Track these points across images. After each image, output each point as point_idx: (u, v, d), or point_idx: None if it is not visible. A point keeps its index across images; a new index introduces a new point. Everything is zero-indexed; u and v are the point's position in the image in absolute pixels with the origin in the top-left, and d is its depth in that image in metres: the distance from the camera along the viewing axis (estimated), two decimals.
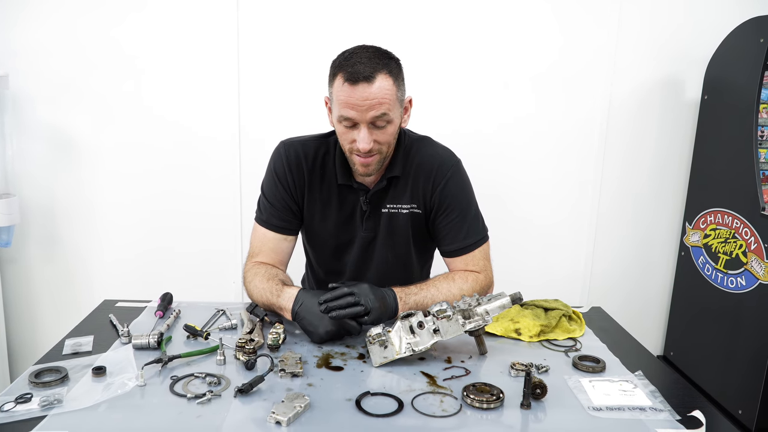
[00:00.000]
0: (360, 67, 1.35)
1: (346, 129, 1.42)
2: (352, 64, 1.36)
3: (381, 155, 1.47)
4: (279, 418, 1.04)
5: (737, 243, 2.27)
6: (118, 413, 1.08)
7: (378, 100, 1.37)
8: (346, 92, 1.36)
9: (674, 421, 1.10)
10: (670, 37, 2.52)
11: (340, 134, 1.46)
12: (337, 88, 1.38)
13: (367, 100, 1.36)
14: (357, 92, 1.35)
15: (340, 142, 1.48)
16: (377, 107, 1.37)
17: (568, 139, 2.57)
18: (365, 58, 1.37)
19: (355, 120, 1.39)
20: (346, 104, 1.37)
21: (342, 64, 1.38)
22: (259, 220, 1.63)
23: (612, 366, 1.33)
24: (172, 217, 2.53)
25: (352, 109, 1.37)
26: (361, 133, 1.40)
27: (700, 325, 2.52)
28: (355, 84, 1.35)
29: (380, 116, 1.38)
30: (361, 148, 1.40)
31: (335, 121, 1.44)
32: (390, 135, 1.45)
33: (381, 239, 1.62)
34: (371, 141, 1.40)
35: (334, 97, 1.40)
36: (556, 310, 1.54)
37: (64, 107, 2.41)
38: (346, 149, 1.47)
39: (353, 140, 1.42)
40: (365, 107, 1.36)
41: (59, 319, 2.54)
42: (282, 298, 1.44)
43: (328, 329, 1.37)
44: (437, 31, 2.41)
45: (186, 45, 2.39)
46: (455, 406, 1.13)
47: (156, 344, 1.33)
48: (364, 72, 1.35)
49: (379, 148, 1.44)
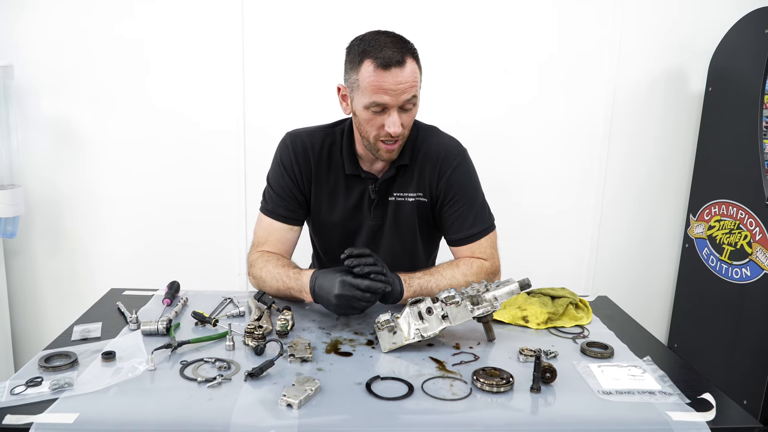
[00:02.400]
0: (389, 52, 1.36)
1: (373, 115, 1.42)
2: (380, 49, 1.36)
3: (404, 139, 1.48)
4: (290, 401, 1.04)
5: (742, 234, 2.27)
6: (129, 396, 1.08)
7: (410, 83, 1.39)
8: (379, 77, 1.36)
9: (684, 405, 1.11)
10: (674, 28, 2.51)
11: (365, 121, 1.44)
12: (366, 74, 1.38)
13: (401, 84, 1.37)
14: (390, 77, 1.36)
15: (364, 130, 1.46)
16: (409, 90, 1.39)
17: (573, 129, 2.57)
18: (390, 43, 1.38)
19: (388, 105, 1.39)
20: (379, 89, 1.37)
21: (368, 50, 1.38)
22: (264, 210, 1.63)
23: (620, 352, 1.33)
24: (176, 209, 2.53)
25: (385, 94, 1.37)
26: (392, 117, 1.40)
27: (704, 316, 2.52)
28: (388, 69, 1.36)
29: (410, 99, 1.40)
30: (393, 132, 1.41)
31: (360, 108, 1.43)
32: (413, 117, 1.47)
33: (388, 227, 1.62)
34: (400, 124, 1.41)
35: (362, 83, 1.39)
36: (563, 298, 1.54)
37: (69, 99, 2.40)
38: (372, 136, 1.45)
39: (381, 126, 1.42)
40: (399, 91, 1.37)
41: (63, 310, 2.54)
42: (300, 280, 1.46)
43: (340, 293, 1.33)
44: (440, 19, 2.41)
45: (190, 37, 2.39)
46: (465, 390, 1.13)
47: (165, 330, 1.33)
48: (395, 57, 1.36)
49: (403, 132, 1.45)
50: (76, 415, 1.00)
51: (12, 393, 1.07)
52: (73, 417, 1.00)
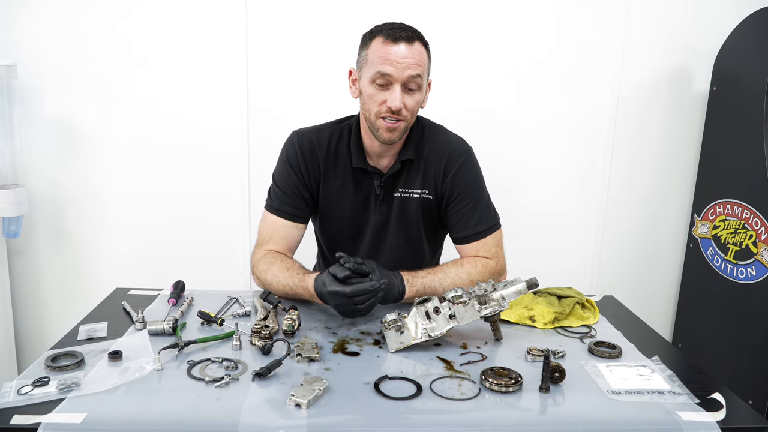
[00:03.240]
0: (400, 30, 1.44)
1: (378, 89, 1.45)
2: (391, 27, 1.45)
3: (406, 122, 1.49)
4: (299, 401, 1.04)
5: (747, 233, 2.27)
6: (137, 396, 1.07)
7: (416, 60, 1.44)
8: (387, 49, 1.43)
9: (694, 404, 1.10)
10: (678, 27, 2.50)
11: (369, 96, 1.47)
12: (375, 47, 1.44)
13: (407, 59, 1.42)
14: (398, 50, 1.42)
15: (367, 108, 1.49)
16: (414, 67, 1.43)
17: (576, 128, 2.56)
18: (403, 27, 1.46)
19: (391, 76, 1.43)
20: (385, 60, 1.42)
21: (380, 29, 1.46)
22: (269, 208, 1.63)
23: (628, 352, 1.33)
24: (179, 208, 2.52)
25: (390, 65, 1.42)
26: (394, 92, 1.44)
27: (708, 315, 2.51)
28: (396, 42, 1.42)
29: (415, 76, 1.44)
30: (394, 107, 1.43)
31: (366, 82, 1.47)
32: (416, 103, 1.49)
33: (393, 224, 1.62)
34: (402, 101, 1.44)
35: (370, 56, 1.45)
36: (570, 297, 1.53)
37: (72, 97, 2.40)
38: (373, 113, 1.48)
39: (383, 101, 1.45)
40: (404, 65, 1.42)
41: (67, 310, 2.53)
42: (307, 290, 1.46)
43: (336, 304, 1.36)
44: (444, 16, 2.39)
45: (194, 35, 2.38)
46: (474, 390, 1.13)
47: (171, 330, 1.33)
48: (405, 34, 1.43)
49: (406, 114, 1.47)
50: (84, 415, 1.00)
51: (19, 393, 1.06)
52: (81, 417, 0.99)
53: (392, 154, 1.58)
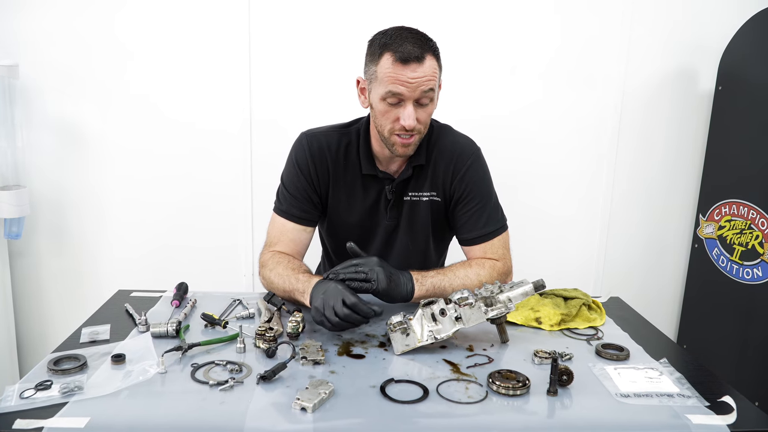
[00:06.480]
0: (409, 47, 1.38)
1: (389, 107, 1.42)
2: (400, 43, 1.38)
3: (420, 135, 1.48)
4: (304, 405, 1.02)
5: (753, 234, 2.25)
6: (140, 400, 1.06)
7: (428, 77, 1.39)
8: (397, 70, 1.38)
9: (703, 408, 1.09)
10: (683, 27, 2.49)
11: (381, 113, 1.44)
12: (385, 66, 1.39)
13: (418, 78, 1.38)
14: (408, 71, 1.37)
15: (379, 123, 1.46)
16: (426, 83, 1.39)
17: (581, 128, 2.54)
18: (412, 39, 1.40)
19: (403, 96, 1.39)
20: (396, 81, 1.38)
21: (389, 43, 1.39)
22: (278, 211, 1.62)
23: (636, 354, 1.32)
24: (181, 210, 2.51)
25: (402, 86, 1.38)
26: (406, 110, 1.40)
27: (714, 316, 2.49)
28: (407, 63, 1.37)
29: (427, 91, 1.40)
30: (408, 126, 1.41)
31: (377, 99, 1.43)
32: (429, 114, 1.47)
33: (403, 227, 1.61)
34: (415, 118, 1.41)
35: (380, 75, 1.40)
36: (576, 299, 1.52)
37: (74, 99, 2.38)
38: (386, 129, 1.45)
39: (396, 118, 1.42)
40: (416, 84, 1.38)
41: (68, 312, 2.52)
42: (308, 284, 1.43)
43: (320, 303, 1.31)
44: (448, 17, 2.38)
45: (197, 37, 2.37)
46: (481, 393, 1.12)
47: (174, 332, 1.31)
48: (415, 52, 1.37)
49: (419, 128, 1.45)
50: (87, 419, 0.99)
51: (21, 397, 1.05)
52: (84, 421, 0.98)
53: (402, 159, 1.57)
